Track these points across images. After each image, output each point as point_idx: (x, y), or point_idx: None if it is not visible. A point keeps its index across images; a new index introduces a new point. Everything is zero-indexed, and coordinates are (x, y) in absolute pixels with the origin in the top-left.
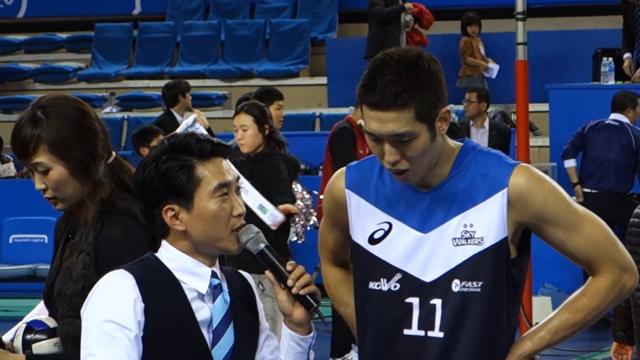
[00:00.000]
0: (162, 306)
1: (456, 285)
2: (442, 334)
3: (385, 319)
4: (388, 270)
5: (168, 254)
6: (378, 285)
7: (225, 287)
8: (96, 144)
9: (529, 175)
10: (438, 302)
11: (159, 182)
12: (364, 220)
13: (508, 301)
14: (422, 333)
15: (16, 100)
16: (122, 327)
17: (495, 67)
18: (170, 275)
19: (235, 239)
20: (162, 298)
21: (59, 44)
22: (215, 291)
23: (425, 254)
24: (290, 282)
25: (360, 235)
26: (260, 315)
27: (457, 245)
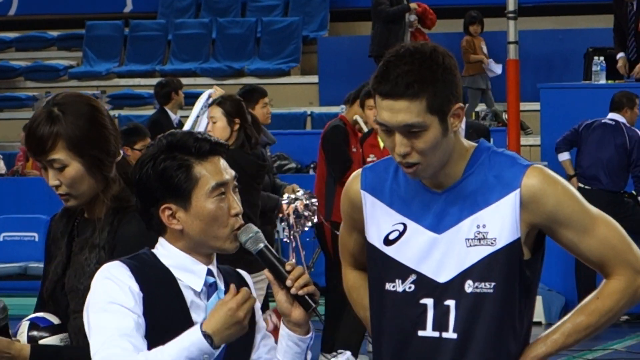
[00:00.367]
0: (158, 299)
1: (469, 286)
2: (455, 335)
3: (400, 320)
4: (403, 271)
5: (165, 251)
6: (393, 287)
7: (220, 286)
8: (110, 141)
9: (542, 177)
10: (452, 303)
11: (156, 181)
12: (379, 221)
13: (521, 302)
14: (436, 334)
15: (7, 98)
16: (126, 309)
17: (497, 66)
18: (166, 271)
19: (232, 239)
20: (158, 291)
21: (50, 41)
22: (210, 289)
23: (439, 254)
24: (289, 282)
25: (376, 236)
26: (257, 315)
27: (470, 245)
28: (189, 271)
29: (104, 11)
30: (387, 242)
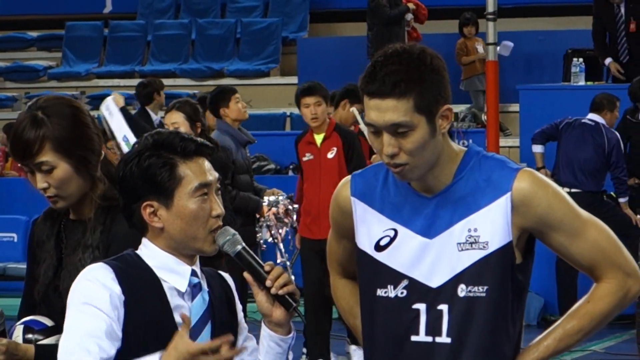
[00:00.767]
0: (141, 301)
1: (462, 290)
2: (449, 340)
3: (393, 325)
4: (395, 277)
5: (148, 251)
6: (385, 292)
7: (204, 286)
8: (94, 140)
9: (532, 180)
10: (445, 308)
11: (140, 178)
12: (370, 227)
13: (513, 306)
14: (429, 339)
15: None
16: (101, 311)
17: (506, 46)
18: (150, 272)
19: (211, 240)
20: (141, 293)
21: (29, 42)
22: (194, 290)
23: (431, 259)
24: (268, 282)
25: (366, 242)
26: (240, 316)
27: (462, 250)
28: (172, 272)
29: (83, 12)
30: (378, 247)
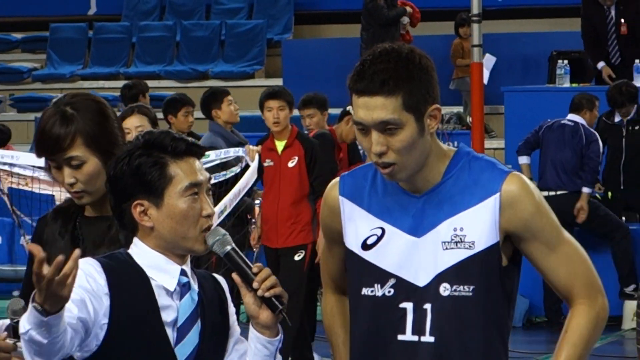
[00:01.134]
0: (127, 297)
1: (445, 290)
2: (432, 339)
3: (379, 324)
4: (382, 276)
5: (139, 250)
6: (372, 291)
7: (194, 286)
8: (119, 135)
9: (521, 184)
10: (429, 307)
11: (130, 177)
12: (357, 226)
13: (501, 308)
14: (415, 338)
15: None
16: (83, 290)
17: (489, 60)
18: (139, 270)
19: (202, 240)
20: (128, 290)
21: (13, 44)
22: (183, 289)
23: (418, 258)
24: (255, 284)
25: (354, 241)
26: (232, 320)
27: (446, 249)
28: (162, 270)
29: (68, 13)
30: (365, 246)
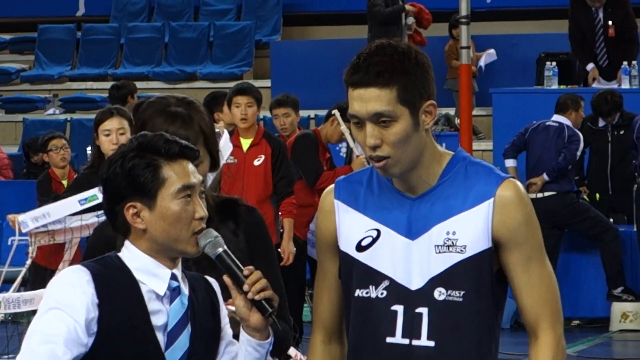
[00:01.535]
0: (117, 304)
1: (440, 294)
2: (432, 343)
3: (369, 326)
4: (376, 277)
5: (129, 253)
6: (367, 293)
7: (184, 291)
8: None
9: (516, 191)
10: (424, 311)
11: (123, 179)
12: (352, 227)
13: (492, 312)
14: (406, 341)
15: None
16: (68, 316)
17: (490, 54)
18: (129, 275)
19: (195, 242)
20: (118, 296)
21: (2, 45)
22: (173, 293)
23: (411, 261)
24: (246, 287)
25: (348, 243)
26: (223, 322)
27: (438, 252)
28: (152, 275)
29: (56, 14)
30: (360, 248)
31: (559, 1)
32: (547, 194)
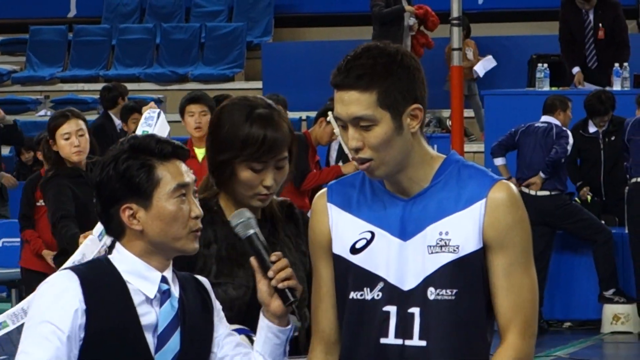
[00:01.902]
0: (105, 308)
1: (432, 294)
2: (424, 343)
3: (363, 327)
4: (371, 280)
5: (120, 256)
6: (361, 295)
7: (174, 293)
8: None
9: (509, 194)
10: (416, 311)
11: (118, 181)
12: (346, 230)
13: (484, 312)
14: (399, 342)
15: None
16: (57, 329)
17: (488, 61)
18: (118, 278)
19: (192, 239)
20: (106, 300)
21: None
22: (163, 296)
23: (404, 262)
24: (271, 273)
25: (342, 246)
26: (216, 319)
27: (431, 253)
28: (142, 277)
29: (47, 16)
30: (354, 250)
31: (551, 3)
32: (540, 194)
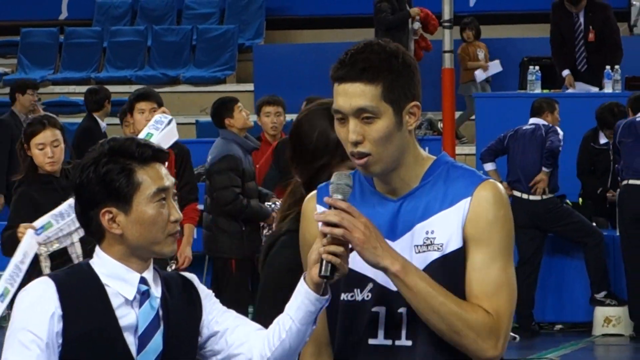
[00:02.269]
0: (82, 312)
1: None
2: (410, 342)
3: (354, 329)
4: (361, 281)
5: (100, 260)
6: (352, 296)
7: (154, 293)
8: None
9: (495, 192)
10: (404, 311)
11: (98, 185)
12: None
13: None
14: (388, 342)
15: None
16: (36, 337)
17: (494, 64)
18: (96, 281)
19: (170, 243)
20: (83, 304)
21: None
22: (142, 297)
23: None
24: (324, 240)
25: None
26: (208, 305)
27: (418, 252)
28: (121, 280)
29: (38, 18)
30: None
31: (542, 5)
32: (532, 197)
